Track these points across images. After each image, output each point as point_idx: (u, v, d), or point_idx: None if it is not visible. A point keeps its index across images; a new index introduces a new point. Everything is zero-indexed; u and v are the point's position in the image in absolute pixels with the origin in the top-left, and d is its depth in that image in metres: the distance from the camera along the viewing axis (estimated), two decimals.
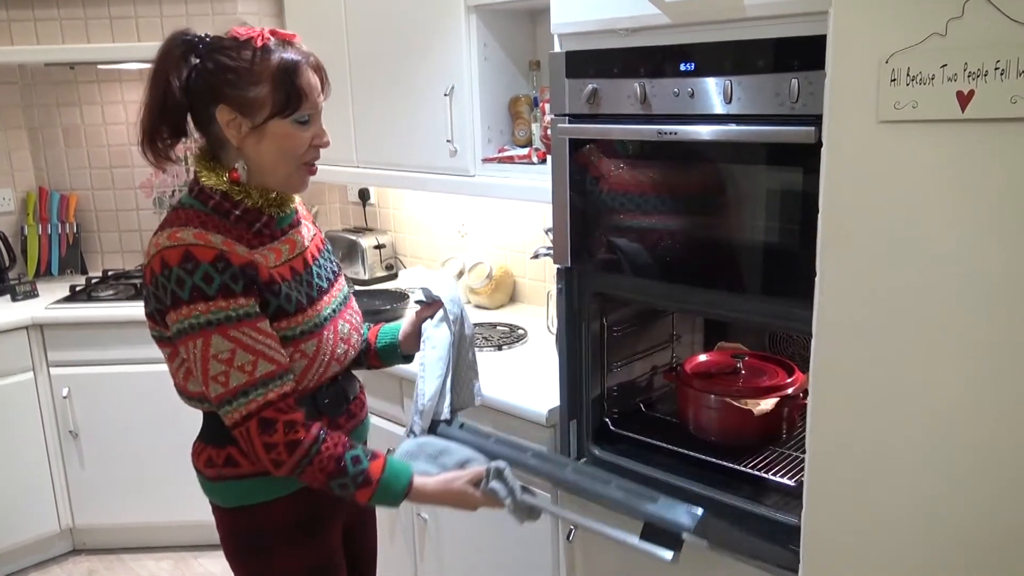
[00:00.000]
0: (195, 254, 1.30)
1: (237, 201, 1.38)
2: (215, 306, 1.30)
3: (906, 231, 1.06)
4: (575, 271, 1.86)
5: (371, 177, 2.83)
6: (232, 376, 1.31)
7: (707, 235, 1.60)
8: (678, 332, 2.17)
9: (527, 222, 2.80)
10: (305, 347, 1.43)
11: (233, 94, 1.33)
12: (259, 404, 1.32)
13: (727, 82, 1.48)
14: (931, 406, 1.09)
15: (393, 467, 1.42)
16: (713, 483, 1.74)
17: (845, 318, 1.14)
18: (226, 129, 1.35)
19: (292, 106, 1.34)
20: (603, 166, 1.73)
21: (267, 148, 1.36)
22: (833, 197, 1.12)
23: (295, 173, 1.41)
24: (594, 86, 1.68)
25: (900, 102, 1.02)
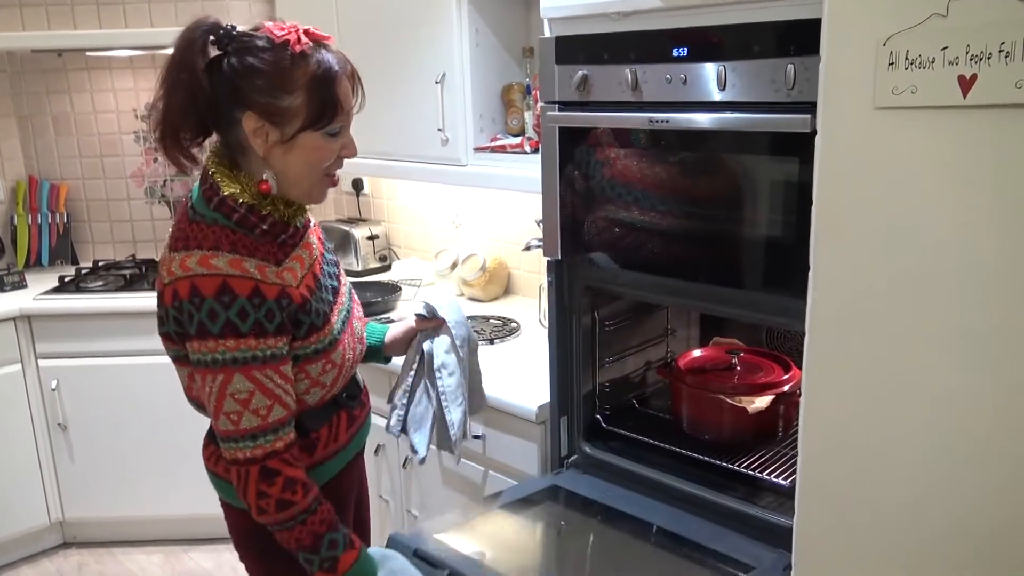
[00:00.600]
0: (232, 287, 1.23)
1: (264, 215, 1.29)
2: (244, 344, 1.24)
3: (903, 222, 1.00)
4: (565, 264, 1.81)
5: (363, 167, 2.77)
6: (245, 418, 1.26)
7: (701, 227, 1.54)
8: (673, 326, 2.12)
9: (522, 213, 2.74)
10: (334, 356, 1.38)
11: (263, 101, 1.22)
12: (265, 451, 1.28)
13: (721, 68, 1.43)
14: (929, 401, 1.04)
15: (362, 567, 1.35)
16: (706, 483, 1.70)
17: (839, 312, 1.09)
18: (252, 137, 1.25)
19: (327, 119, 1.25)
20: (595, 155, 1.67)
21: (295, 160, 1.27)
22: (827, 187, 1.06)
23: (318, 185, 1.33)
24: (584, 72, 1.63)
25: (898, 87, 0.96)
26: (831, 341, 1.11)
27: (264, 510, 1.29)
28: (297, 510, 1.29)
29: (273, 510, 1.28)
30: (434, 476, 2.26)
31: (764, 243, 1.46)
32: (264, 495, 1.28)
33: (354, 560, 1.33)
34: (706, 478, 1.72)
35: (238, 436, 1.27)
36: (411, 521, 2.38)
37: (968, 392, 1.00)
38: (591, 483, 1.82)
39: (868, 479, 1.12)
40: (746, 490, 1.69)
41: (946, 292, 0.99)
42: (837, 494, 1.16)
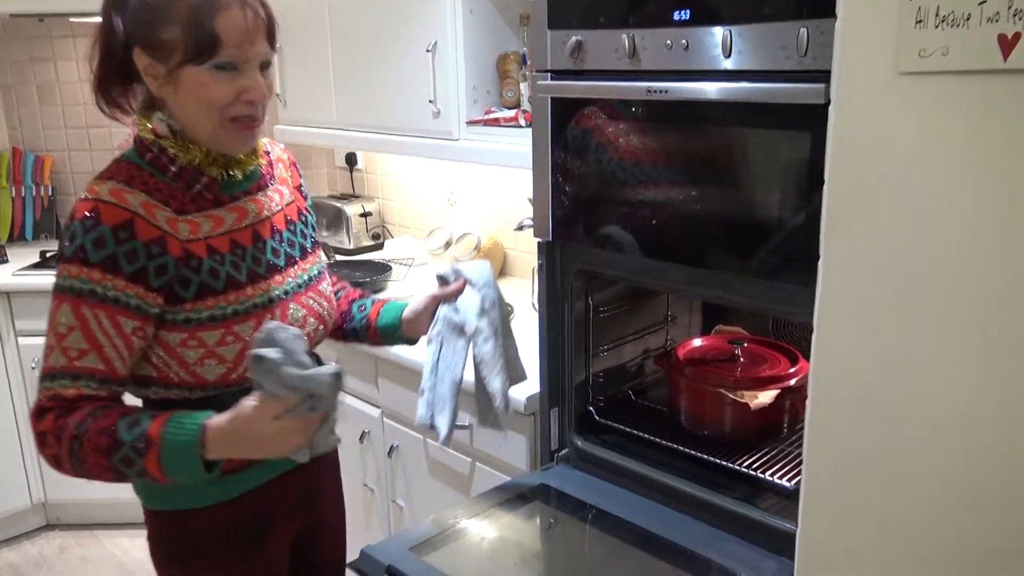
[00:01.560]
0: (101, 212, 1.15)
1: (173, 156, 1.23)
2: (86, 274, 1.13)
3: (928, 205, 0.88)
4: (557, 245, 1.68)
5: (352, 140, 2.65)
6: (53, 356, 1.15)
7: (703, 208, 1.41)
8: (673, 313, 1.99)
9: (519, 190, 2.61)
10: (239, 329, 1.25)
11: (148, 35, 1.17)
12: (48, 395, 1.14)
13: (727, 32, 1.29)
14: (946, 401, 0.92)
15: (179, 417, 1.15)
16: (704, 481, 1.58)
17: (851, 306, 0.97)
18: (144, 75, 1.20)
19: (207, 51, 1.16)
20: (589, 129, 1.54)
21: (183, 99, 1.20)
22: (841, 165, 0.93)
23: (220, 130, 1.22)
24: (578, 38, 1.49)
25: (927, 49, 0.83)
26: (841, 336, 0.98)
27: (56, 456, 1.14)
28: (73, 424, 1.12)
29: (54, 444, 1.13)
30: (420, 466, 2.15)
31: (770, 226, 1.33)
32: (41, 436, 1.14)
33: (165, 420, 1.14)
34: (704, 476, 1.60)
35: (42, 374, 1.16)
36: (396, 512, 2.28)
37: (990, 392, 0.88)
38: (582, 480, 1.71)
39: (877, 482, 1.00)
40: (746, 491, 1.57)
41: (973, 286, 0.86)
42: (844, 497, 1.05)
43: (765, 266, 1.34)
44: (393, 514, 2.27)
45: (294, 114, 2.87)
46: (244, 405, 1.14)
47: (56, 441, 1.14)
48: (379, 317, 1.53)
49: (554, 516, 1.67)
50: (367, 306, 1.56)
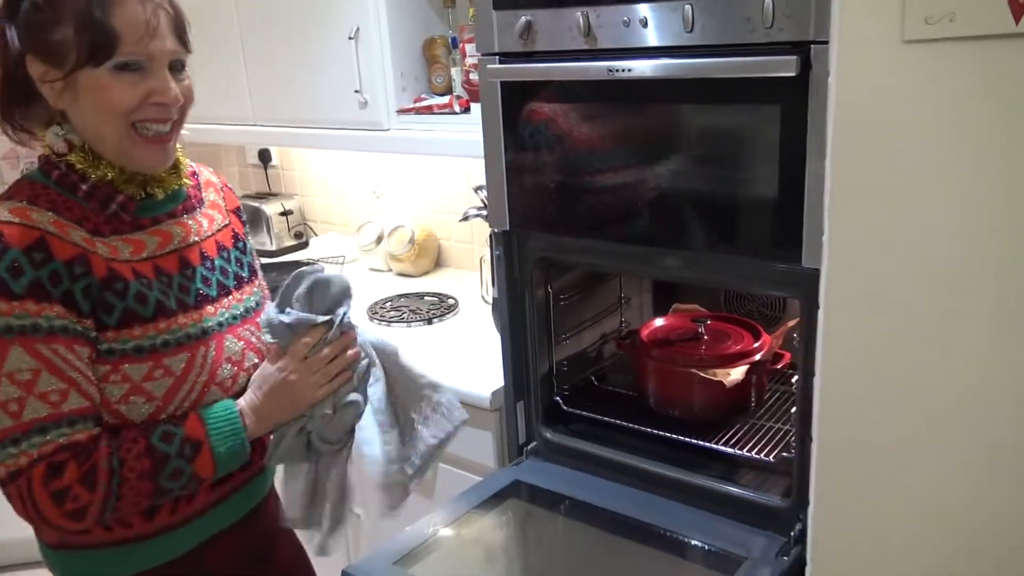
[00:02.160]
0: (5, 235, 1.00)
1: (83, 173, 1.09)
2: (21, 308, 0.99)
3: (938, 178, 0.86)
4: (514, 235, 1.63)
5: (270, 136, 2.51)
6: (29, 406, 0.99)
7: (671, 188, 1.38)
8: (627, 295, 1.97)
9: (450, 178, 2.54)
10: (170, 362, 1.11)
11: (39, 39, 1.04)
12: (55, 447, 1.00)
13: (687, 6, 1.26)
14: (962, 384, 0.92)
15: (211, 410, 1.13)
16: (679, 463, 1.56)
17: (858, 285, 0.95)
18: (40, 85, 1.07)
19: (103, 50, 1.03)
20: (543, 113, 1.49)
21: (83, 107, 1.07)
22: (844, 138, 0.91)
23: (127, 141, 1.09)
24: (528, 18, 1.43)
25: (933, 15, 0.81)
26: (849, 316, 0.97)
27: (78, 511, 1.01)
28: (104, 462, 1.03)
29: (86, 493, 1.01)
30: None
31: (740, 203, 1.31)
32: (61, 493, 1.00)
33: (202, 417, 1.11)
34: (679, 458, 1.58)
35: (19, 434, 0.99)
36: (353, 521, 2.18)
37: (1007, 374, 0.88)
38: (555, 472, 1.67)
39: (890, 469, 1.00)
40: (724, 469, 1.57)
41: (986, 262, 0.86)
42: (856, 485, 1.04)
43: (741, 243, 1.33)
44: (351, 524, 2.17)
45: (201, 111, 2.66)
46: (268, 369, 1.17)
47: (87, 490, 1.01)
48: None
49: (534, 512, 1.63)
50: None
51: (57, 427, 1.01)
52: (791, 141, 1.21)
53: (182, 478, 1.08)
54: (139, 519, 1.13)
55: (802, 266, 1.24)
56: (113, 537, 1.13)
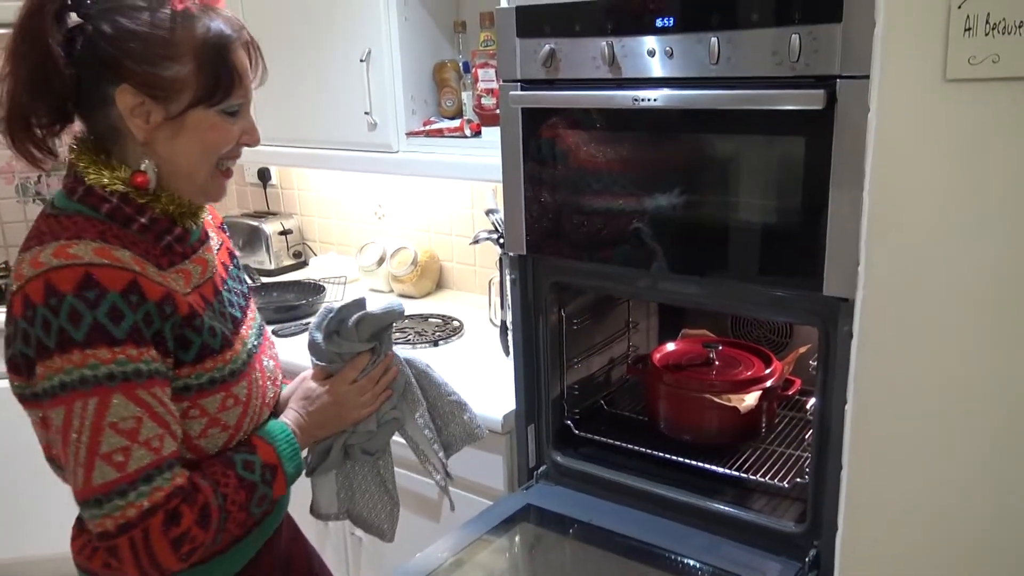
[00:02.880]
0: (99, 279, 0.96)
1: (141, 206, 1.05)
2: (123, 354, 0.96)
3: (975, 214, 0.89)
4: (530, 259, 1.64)
5: (277, 156, 2.51)
6: (135, 455, 0.96)
7: (691, 215, 1.40)
8: (634, 319, 1.99)
9: (453, 200, 2.55)
10: (237, 391, 1.12)
11: (141, 71, 0.99)
12: (167, 493, 0.98)
13: (713, 39, 1.28)
14: (998, 415, 0.93)
15: (272, 433, 1.16)
16: (693, 487, 1.58)
17: (893, 315, 0.97)
18: (129, 117, 1.02)
19: (222, 92, 1.04)
20: (563, 139, 1.51)
21: (185, 145, 1.05)
22: (883, 173, 0.93)
23: (210, 178, 1.10)
24: (551, 46, 1.46)
25: (976, 56, 0.84)
26: (884, 347, 0.99)
27: (192, 550, 1.01)
28: (212, 500, 1.03)
29: (201, 533, 1.02)
30: None
31: (762, 232, 1.34)
32: (181, 539, 1.00)
33: (271, 444, 1.14)
34: (691, 482, 1.60)
35: (126, 485, 0.95)
36: (354, 544, 2.17)
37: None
38: (565, 496, 1.68)
39: (921, 500, 1.01)
40: (735, 494, 1.58)
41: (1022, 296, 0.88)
42: (885, 513, 1.05)
43: (762, 271, 1.35)
44: (351, 547, 2.16)
45: None
46: (315, 389, 1.23)
47: (203, 530, 1.01)
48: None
49: (544, 537, 1.63)
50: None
51: (160, 473, 0.98)
52: (815, 172, 1.24)
53: (265, 502, 1.12)
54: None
55: (823, 294, 1.26)
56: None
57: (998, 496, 0.96)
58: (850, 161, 1.17)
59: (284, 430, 1.18)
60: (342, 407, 1.24)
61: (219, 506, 1.04)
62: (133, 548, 0.97)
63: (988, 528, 0.98)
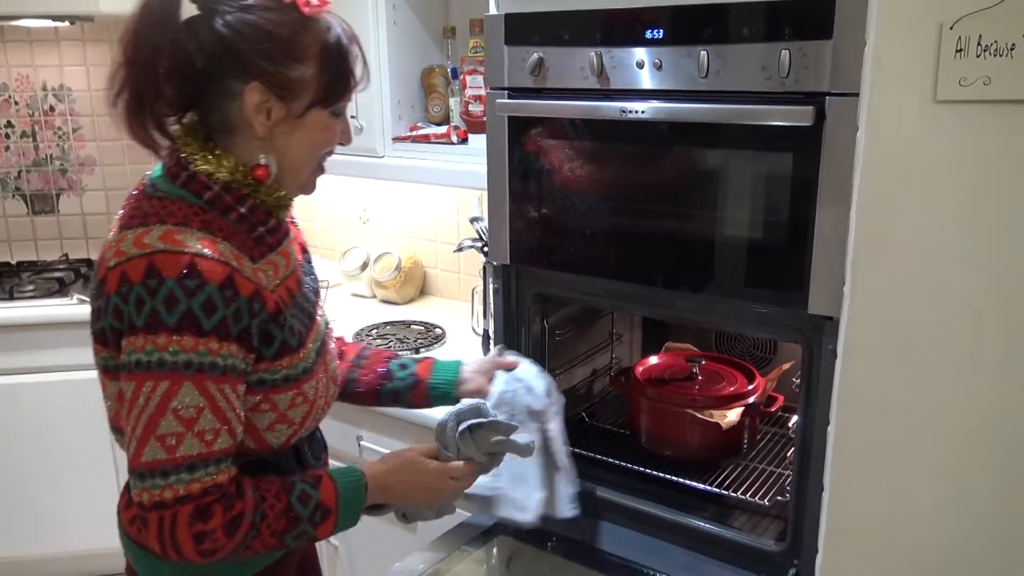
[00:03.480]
0: (202, 270, 0.99)
1: (242, 196, 1.08)
2: (205, 345, 0.99)
3: (965, 235, 0.88)
4: (514, 269, 1.62)
5: None
6: (185, 443, 0.99)
7: (676, 229, 1.39)
8: (618, 331, 1.98)
9: (438, 206, 2.53)
10: (307, 388, 1.14)
11: (271, 71, 1.03)
12: (204, 486, 1.01)
13: (703, 52, 1.27)
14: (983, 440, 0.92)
15: (345, 478, 1.16)
16: (673, 503, 1.56)
17: (879, 336, 0.96)
18: (254, 113, 1.05)
19: (338, 94, 1.10)
20: (550, 149, 1.49)
21: (299, 142, 1.10)
22: (872, 192, 0.93)
23: (313, 174, 1.16)
24: (539, 55, 1.44)
25: (967, 78, 0.83)
26: (868, 367, 0.98)
27: (212, 550, 1.03)
28: (249, 516, 1.05)
29: (224, 539, 1.03)
30: None
31: (747, 248, 1.33)
32: (203, 535, 1.02)
33: (335, 485, 1.14)
34: (670, 498, 1.58)
35: (170, 468, 1.00)
36: (330, 552, 2.14)
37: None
38: None
39: (901, 519, 1.00)
40: (716, 510, 1.56)
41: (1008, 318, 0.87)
42: (867, 535, 1.04)
43: (746, 287, 1.34)
44: (327, 556, 2.13)
45: None
46: (419, 464, 1.22)
47: (227, 536, 1.03)
48: (432, 375, 1.43)
49: (522, 550, 1.60)
50: (410, 365, 1.45)
51: (205, 466, 1.01)
52: (801, 189, 1.23)
53: (303, 539, 1.11)
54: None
55: (807, 312, 1.25)
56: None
57: (980, 518, 0.95)
58: (837, 179, 1.16)
59: (359, 481, 1.16)
60: (429, 493, 1.24)
61: (252, 523, 1.05)
62: (160, 527, 1.01)
63: (970, 551, 0.97)
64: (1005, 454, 0.91)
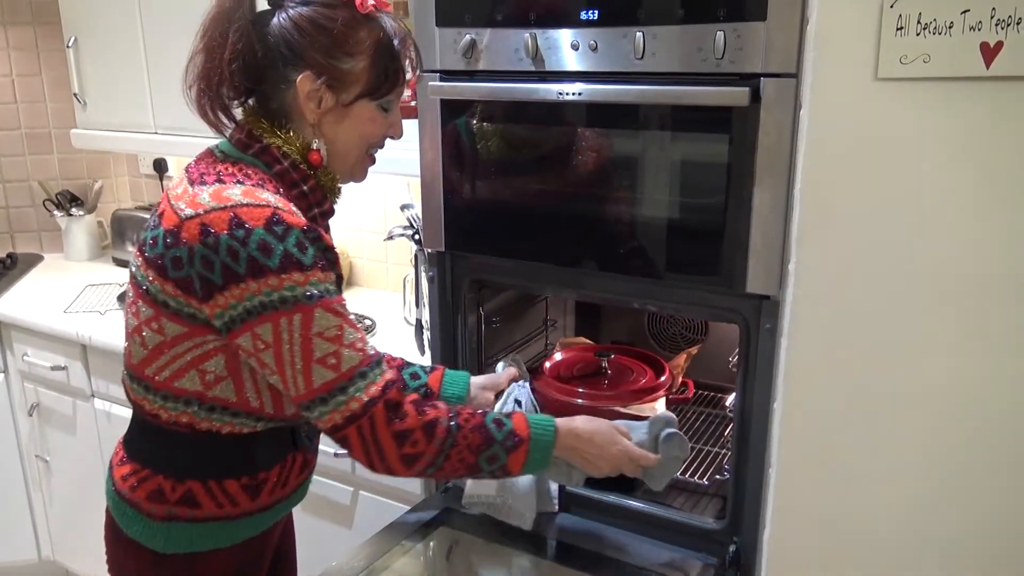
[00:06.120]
0: (283, 217, 1.07)
1: (306, 175, 1.17)
2: (314, 276, 1.06)
3: (906, 211, 0.90)
4: (448, 256, 1.59)
5: (173, 145, 2.37)
6: (345, 356, 1.08)
7: (612, 212, 1.39)
8: (553, 317, 1.97)
9: (362, 195, 2.46)
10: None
11: (324, 61, 1.12)
12: (382, 384, 1.10)
13: (638, 33, 1.27)
14: (926, 410, 0.95)
15: (536, 419, 1.22)
16: (612, 487, 1.56)
17: (824, 313, 0.97)
18: (305, 100, 1.14)
19: (386, 88, 1.17)
20: (484, 133, 1.47)
21: (346, 130, 1.18)
22: (814, 170, 0.94)
23: (360, 163, 1.24)
24: (472, 37, 1.41)
25: (907, 56, 0.84)
26: (813, 345, 0.99)
27: (414, 455, 1.11)
28: (445, 421, 1.13)
29: (424, 442, 1.11)
30: None
31: (683, 230, 1.33)
32: (404, 434, 1.10)
33: (526, 418, 1.20)
34: (608, 481, 1.57)
35: (344, 382, 1.08)
36: None
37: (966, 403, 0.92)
38: None
39: (851, 497, 1.02)
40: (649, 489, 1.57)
41: (948, 292, 0.89)
42: (815, 512, 1.06)
43: (683, 269, 1.35)
44: None
45: (96, 117, 2.52)
46: (621, 438, 1.26)
47: (426, 439, 1.10)
48: (443, 387, 1.46)
49: (464, 540, 1.58)
50: (421, 374, 1.46)
51: (371, 369, 1.10)
52: (738, 170, 1.24)
53: (495, 464, 1.16)
54: (245, 498, 1.20)
55: (745, 292, 1.26)
56: (220, 513, 1.20)
57: (926, 492, 0.97)
58: (773, 159, 1.17)
59: (550, 425, 1.21)
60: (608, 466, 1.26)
61: (448, 429, 1.12)
62: (361, 437, 1.09)
63: (915, 524, 0.99)
64: (950, 428, 0.94)
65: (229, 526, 1.21)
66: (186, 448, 1.17)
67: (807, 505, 1.07)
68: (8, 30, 2.70)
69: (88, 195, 2.89)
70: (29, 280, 2.67)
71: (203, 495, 1.18)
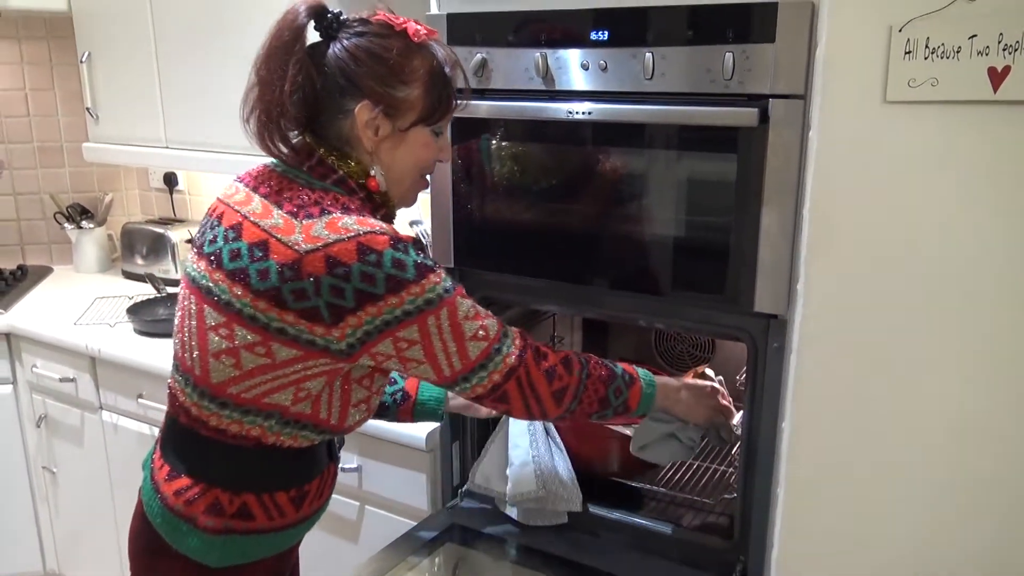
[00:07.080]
0: (398, 236, 1.13)
1: (379, 204, 1.22)
2: (440, 273, 1.15)
3: (914, 232, 0.91)
4: (457, 272, 1.60)
5: (184, 160, 2.39)
6: (488, 325, 1.18)
7: (621, 230, 1.40)
8: (560, 334, 1.98)
9: None
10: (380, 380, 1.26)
11: (380, 90, 1.15)
12: (522, 339, 1.21)
13: (648, 54, 1.28)
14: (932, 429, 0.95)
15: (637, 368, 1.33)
16: (620, 505, 1.57)
17: (832, 332, 0.98)
18: (363, 128, 1.16)
19: (440, 114, 1.21)
20: (493, 150, 1.48)
21: (402, 156, 1.21)
22: (823, 191, 0.94)
23: (414, 187, 1.27)
24: (483, 56, 1.43)
25: (916, 79, 0.85)
26: (822, 364, 1.00)
27: (561, 390, 1.22)
28: (574, 357, 1.25)
29: (567, 376, 1.22)
30: None
31: (692, 249, 1.34)
32: (551, 372, 1.21)
33: (635, 369, 1.31)
34: (617, 499, 1.59)
35: (496, 345, 1.19)
36: None
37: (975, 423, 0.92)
38: (490, 514, 1.64)
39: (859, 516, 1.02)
40: (662, 510, 1.59)
41: (957, 314, 0.90)
42: (823, 532, 1.06)
43: (691, 287, 1.35)
44: None
45: (108, 131, 2.55)
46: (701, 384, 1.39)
47: (567, 371, 1.22)
48: (419, 393, 1.49)
49: (470, 557, 1.59)
50: (398, 380, 1.49)
51: (506, 329, 1.21)
52: (746, 190, 1.25)
53: (619, 399, 1.27)
54: (292, 509, 1.24)
55: (753, 311, 1.27)
56: (270, 525, 1.23)
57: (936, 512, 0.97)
58: (781, 179, 1.18)
59: (648, 373, 1.32)
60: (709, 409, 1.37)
61: (580, 363, 1.24)
62: (519, 386, 1.20)
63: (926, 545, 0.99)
64: (959, 447, 0.94)
65: (274, 537, 1.25)
66: (247, 461, 1.19)
67: (814, 524, 1.07)
68: (23, 44, 2.73)
69: (98, 208, 2.91)
70: (39, 292, 2.69)
71: (256, 507, 1.21)
